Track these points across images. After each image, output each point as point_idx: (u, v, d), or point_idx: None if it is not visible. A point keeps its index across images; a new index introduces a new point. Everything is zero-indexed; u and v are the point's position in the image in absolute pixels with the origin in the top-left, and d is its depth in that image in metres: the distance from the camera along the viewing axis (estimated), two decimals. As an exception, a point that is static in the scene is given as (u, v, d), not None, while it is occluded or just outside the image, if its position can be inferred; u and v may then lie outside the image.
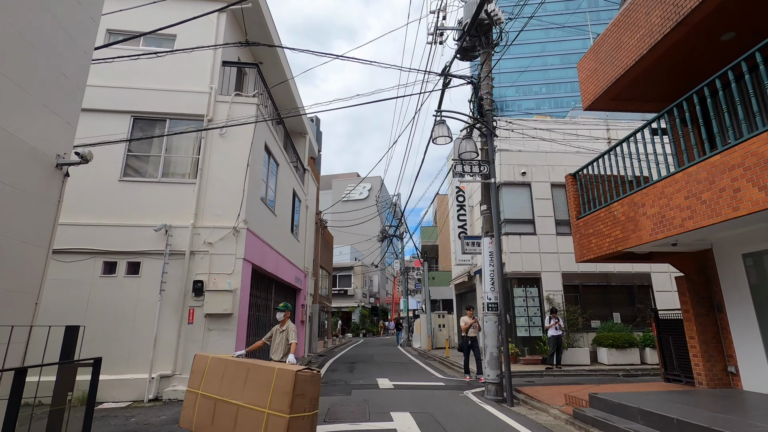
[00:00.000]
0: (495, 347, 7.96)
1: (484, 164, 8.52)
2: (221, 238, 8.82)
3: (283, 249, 12.66)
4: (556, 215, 13.62)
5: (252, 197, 9.62)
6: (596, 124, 18.02)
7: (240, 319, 8.63)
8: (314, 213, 18.77)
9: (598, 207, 7.46)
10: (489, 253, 8.41)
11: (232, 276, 8.66)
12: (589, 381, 9.83)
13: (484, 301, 8.25)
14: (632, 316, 12.83)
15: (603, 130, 18.10)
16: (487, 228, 8.58)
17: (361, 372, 11.59)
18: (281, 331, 5.67)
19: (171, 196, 9.00)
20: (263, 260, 10.25)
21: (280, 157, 12.36)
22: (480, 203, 8.83)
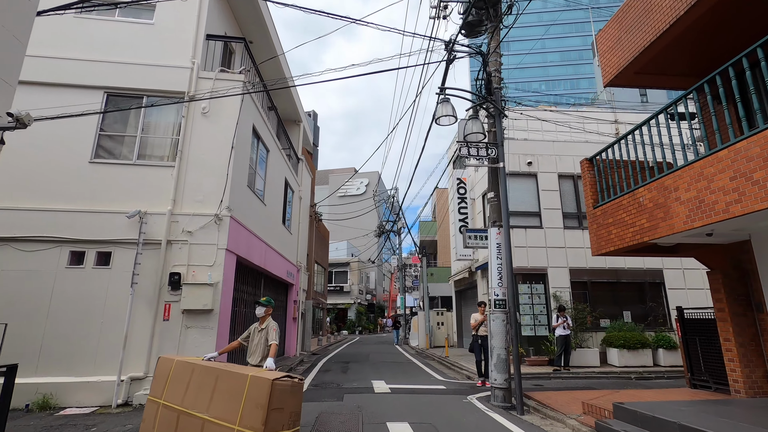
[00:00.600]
0: (503, 348, 7.20)
1: (491, 147, 7.74)
2: (202, 227, 8.01)
3: (273, 241, 11.86)
4: (564, 208, 12.87)
5: (237, 183, 8.81)
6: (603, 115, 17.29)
7: (222, 315, 7.84)
8: (308, 205, 17.96)
9: (619, 193, 6.70)
10: (496, 244, 7.64)
11: (213, 268, 7.86)
12: (601, 385, 9.10)
13: (491, 298, 7.49)
14: (643, 314, 12.12)
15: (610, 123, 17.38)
16: (494, 217, 7.80)
17: (355, 373, 10.83)
18: (260, 330, 4.88)
19: (147, 180, 8.18)
20: (249, 252, 9.45)
21: (270, 143, 11.53)
22: (486, 190, 8.05)
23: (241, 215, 8.94)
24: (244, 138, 9.32)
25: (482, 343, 9.12)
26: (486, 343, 8.88)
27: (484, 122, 8.27)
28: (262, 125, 10.65)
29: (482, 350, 9.14)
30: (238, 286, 9.37)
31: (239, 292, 9.47)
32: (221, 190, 8.19)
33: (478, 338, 9.25)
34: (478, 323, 9.35)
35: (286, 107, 15.54)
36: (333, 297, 38.05)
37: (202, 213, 8.07)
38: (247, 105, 9.41)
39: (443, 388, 8.67)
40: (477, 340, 9.30)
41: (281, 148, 12.98)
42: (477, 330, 9.34)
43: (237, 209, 8.72)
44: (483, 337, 9.11)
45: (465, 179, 16.22)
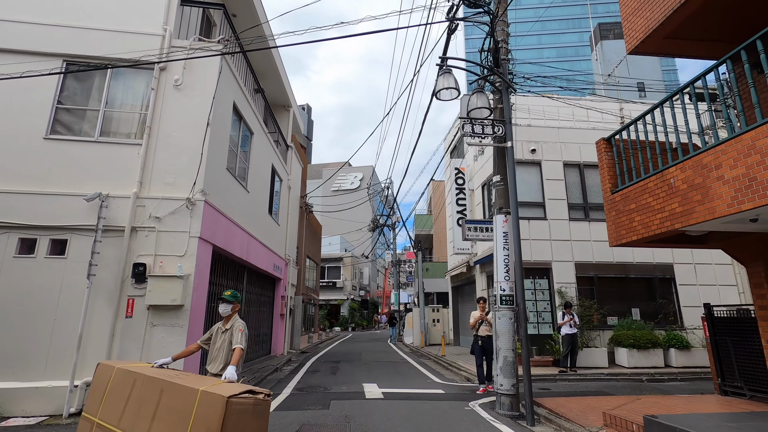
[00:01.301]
0: (510, 350, 6.40)
1: (498, 124, 6.91)
2: (172, 212, 7.10)
3: (258, 232, 10.96)
4: (570, 198, 12.10)
5: (214, 165, 7.91)
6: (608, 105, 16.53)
7: (194, 312, 6.95)
8: (298, 196, 17.06)
9: (644, 175, 5.90)
10: (503, 233, 6.83)
11: (184, 258, 6.97)
12: (613, 389, 8.36)
13: (497, 293, 6.68)
14: (653, 312, 11.39)
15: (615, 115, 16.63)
16: (500, 203, 6.98)
17: (345, 374, 10.00)
18: (224, 331, 4.02)
19: (111, 159, 7.25)
20: (228, 241, 8.55)
21: (254, 125, 10.61)
22: (491, 174, 7.23)
23: (218, 201, 8.05)
24: (223, 116, 8.41)
25: (483, 344, 8.16)
26: (488, 344, 8.01)
27: (490, 98, 7.42)
28: (244, 104, 9.73)
29: (483, 352, 8.18)
30: (216, 279, 8.48)
31: (217, 286, 8.58)
32: (195, 172, 7.29)
33: (479, 339, 8.25)
34: (477, 321, 8.37)
35: (274, 91, 14.59)
36: (325, 293, 37.19)
37: (172, 197, 7.17)
38: (226, 80, 8.50)
39: (441, 392, 7.87)
40: (477, 341, 8.29)
41: (267, 132, 12.06)
42: (477, 329, 8.35)
43: (214, 194, 7.82)
44: (484, 338, 8.17)
45: (463, 169, 15.39)
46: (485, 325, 8.26)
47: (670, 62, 66.53)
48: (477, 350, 8.26)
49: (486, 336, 8.15)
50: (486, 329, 8.22)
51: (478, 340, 8.26)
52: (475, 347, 8.34)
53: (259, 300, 12.22)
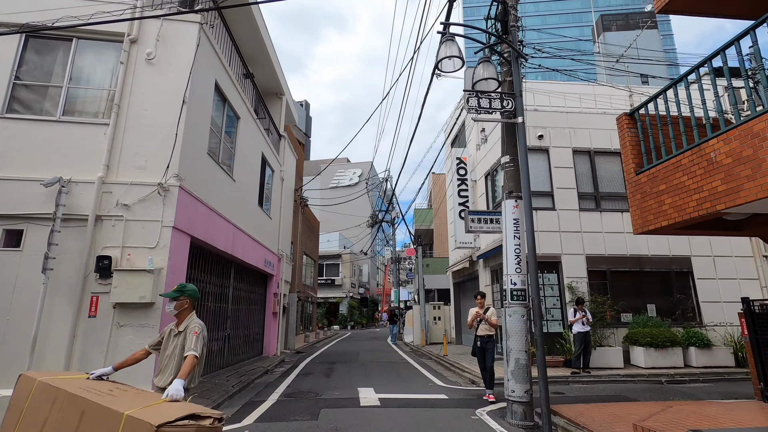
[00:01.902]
0: (522, 351, 5.66)
1: (507, 98, 6.14)
2: (142, 199, 6.35)
3: (246, 224, 10.21)
4: (580, 187, 11.33)
5: (193, 148, 7.15)
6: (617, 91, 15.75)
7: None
8: (293, 189, 16.29)
9: (677, 152, 5.15)
10: (513, 221, 6.07)
11: (155, 251, 6.21)
12: (633, 392, 7.63)
13: (507, 288, 5.93)
14: (670, 308, 10.65)
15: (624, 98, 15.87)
16: (510, 186, 6.22)
17: (340, 377, 9.26)
18: (177, 334, 3.25)
19: (75, 140, 6.49)
20: (209, 233, 7.80)
21: (241, 109, 9.84)
22: (502, 154, 6.47)
23: (197, 188, 7.29)
24: (203, 95, 7.65)
25: (483, 344, 7.20)
26: (487, 344, 7.17)
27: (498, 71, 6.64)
28: (228, 84, 8.95)
29: (484, 354, 7.19)
30: (196, 274, 7.73)
31: (197, 282, 7.83)
32: (168, 154, 6.53)
33: (477, 339, 7.29)
34: (474, 319, 7.36)
35: (265, 77, 13.79)
36: (324, 290, 36.47)
37: (143, 182, 6.41)
38: (207, 55, 7.73)
39: (444, 398, 7.12)
40: (476, 342, 7.31)
41: (257, 118, 11.29)
42: (476, 328, 7.34)
43: (192, 180, 7.07)
44: (482, 338, 7.22)
45: (465, 159, 14.63)
46: (484, 323, 7.27)
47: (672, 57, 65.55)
48: (477, 351, 7.32)
49: (485, 336, 7.21)
50: (485, 328, 7.24)
51: (476, 340, 7.30)
52: (474, 348, 7.39)
53: (249, 297, 11.48)
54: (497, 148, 12.60)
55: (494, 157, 12.79)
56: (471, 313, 7.49)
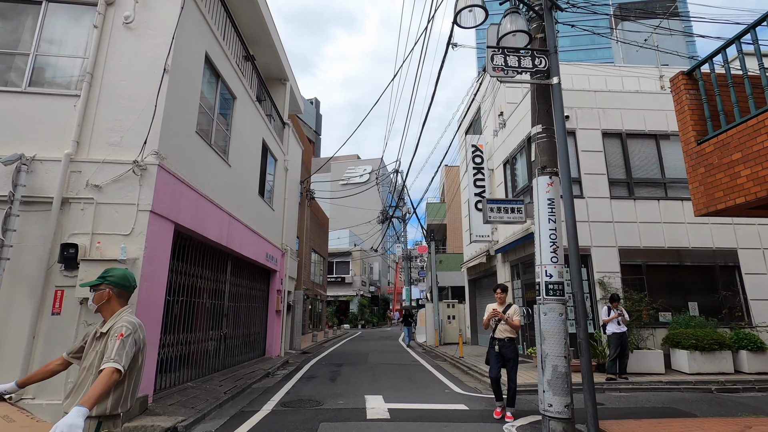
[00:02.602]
0: (561, 356, 4.69)
1: (539, 55, 5.17)
2: (116, 179, 5.54)
3: (244, 214, 9.39)
4: (610, 173, 10.26)
5: (178, 124, 6.32)
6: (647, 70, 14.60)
7: (143, 308, 5.38)
8: (298, 180, 15.47)
9: (756, 111, 4.14)
10: (548, 201, 5.10)
11: (129, 238, 5.40)
12: (683, 402, 6.59)
13: (540, 281, 4.97)
14: (715, 306, 9.52)
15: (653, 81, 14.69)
16: (544, 161, 5.24)
17: (346, 382, 8.39)
18: (99, 336, 2.33)
19: (42, 114, 5.72)
20: (199, 221, 6.97)
21: (237, 87, 9.01)
22: (532, 123, 5.50)
23: (183, 169, 6.46)
24: (191, 67, 6.82)
25: (501, 349, 5.67)
26: (507, 349, 5.64)
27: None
28: (222, 59, 8.12)
29: (501, 360, 5.67)
30: (182, 267, 6.91)
31: (183, 275, 7.01)
32: (147, 129, 5.71)
33: (495, 342, 5.75)
34: (491, 318, 5.83)
35: (267, 61, 12.98)
36: (334, 288, 35.74)
37: (117, 160, 5.61)
38: (195, 23, 6.91)
39: (464, 408, 6.18)
40: (493, 345, 5.78)
41: (256, 100, 10.46)
42: (494, 329, 5.81)
43: (176, 160, 6.24)
44: (502, 341, 5.69)
45: (481, 146, 13.63)
46: (503, 323, 5.77)
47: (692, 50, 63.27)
48: (492, 357, 5.73)
49: (506, 339, 5.68)
50: (505, 329, 5.72)
51: (494, 343, 5.76)
52: (490, 353, 5.81)
53: (250, 294, 10.68)
54: (517, 133, 11.58)
55: (514, 142, 11.78)
56: (488, 310, 5.91)
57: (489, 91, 13.73)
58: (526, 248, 10.81)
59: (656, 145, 10.44)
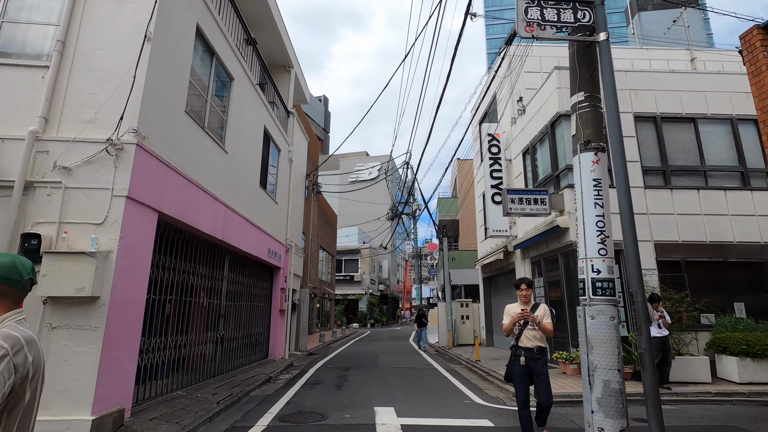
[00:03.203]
0: (615, 370, 3.86)
1: (583, 7, 4.32)
2: (88, 160, 4.83)
3: (243, 206, 8.66)
4: (644, 160, 9.34)
5: (162, 100, 5.59)
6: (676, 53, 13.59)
7: (117, 307, 4.66)
8: (303, 174, 14.74)
9: None
10: (593, 182, 4.25)
11: (102, 228, 4.68)
12: (742, 418, 5.69)
13: (585, 277, 4.12)
14: (765, 307, 8.55)
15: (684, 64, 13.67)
16: (588, 134, 4.40)
17: (353, 389, 7.62)
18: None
19: (5, 87, 5.02)
20: (188, 211, 6.23)
21: (234, 68, 8.28)
22: (572, 92, 4.65)
23: (169, 151, 5.73)
24: (178, 38, 6.08)
25: (528, 361, 4.35)
26: (536, 362, 4.34)
27: None
28: (216, 34, 7.39)
29: (528, 377, 4.38)
30: (169, 262, 6.18)
31: (175, 272, 6.29)
32: (124, 104, 4.98)
33: (520, 352, 4.42)
34: (515, 323, 4.45)
35: (270, 46, 12.24)
36: (342, 287, 35.05)
37: (90, 138, 4.89)
38: (183, -11, 6.16)
39: (489, 425, 5.36)
40: (517, 357, 4.44)
41: (256, 84, 9.72)
42: (518, 336, 4.48)
43: (160, 140, 5.52)
44: (530, 352, 4.37)
45: (498, 135, 12.74)
46: (531, 328, 4.42)
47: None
48: (517, 373, 4.38)
49: (534, 348, 4.37)
50: (534, 336, 4.40)
51: (519, 354, 4.40)
52: (513, 369, 4.46)
53: (251, 293, 9.96)
54: (538, 119, 10.69)
55: (535, 129, 10.89)
56: (509, 312, 4.54)
57: (506, 77, 12.83)
58: (549, 243, 9.93)
59: (695, 129, 9.48)
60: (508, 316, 4.55)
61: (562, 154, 9.55)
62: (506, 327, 4.53)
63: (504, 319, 4.59)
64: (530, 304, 4.58)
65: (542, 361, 4.40)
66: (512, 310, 4.56)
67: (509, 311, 4.58)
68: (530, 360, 4.36)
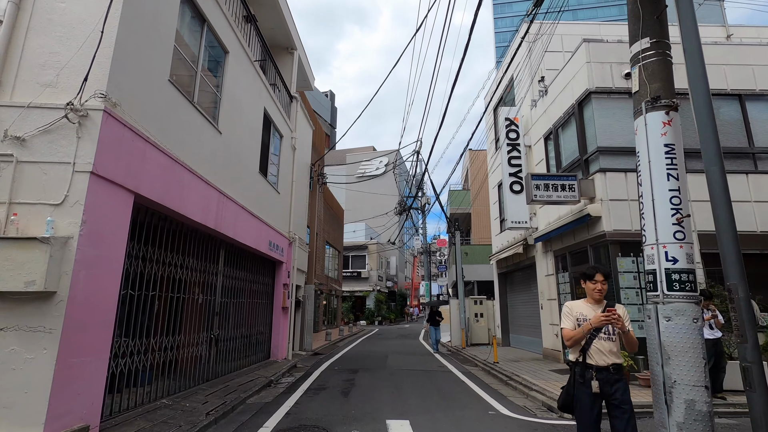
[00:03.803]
0: (699, 386, 3.01)
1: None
2: (45, 130, 4.05)
3: (239, 193, 7.88)
4: (684, 141, 8.33)
5: (137, 64, 4.79)
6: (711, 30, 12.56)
7: (78, 305, 3.89)
8: (308, 163, 13.95)
9: None
10: (665, 147, 3.44)
11: (60, 209, 3.90)
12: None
13: (657, 268, 3.27)
14: (825, 305, 7.60)
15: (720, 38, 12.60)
16: (656, 89, 3.62)
17: (362, 395, 6.82)
18: None
19: (-46, 46, 4.25)
20: (172, 194, 5.43)
21: (229, 39, 7.48)
22: (631, 40, 3.80)
23: (150, 124, 4.94)
24: (160, -6, 5.28)
25: (604, 386, 2.95)
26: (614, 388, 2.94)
27: None
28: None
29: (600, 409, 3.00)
30: (150, 253, 5.39)
31: (159, 265, 5.51)
32: (89, 63, 4.19)
33: (589, 373, 2.99)
34: (588, 332, 3.02)
35: (272, 26, 11.43)
36: (349, 283, 34.33)
37: (49, 104, 4.11)
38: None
39: (524, 444, 4.52)
40: (586, 382, 2.99)
41: (256, 60, 8.92)
42: (583, 347, 3.06)
43: (140, 111, 4.73)
44: (606, 373, 2.97)
45: (517, 119, 11.82)
46: (606, 337, 3.04)
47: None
48: (585, 405, 3.00)
49: (610, 367, 2.99)
50: (610, 350, 3.02)
51: (587, 376, 3.01)
52: (579, 397, 3.03)
53: (251, 289, 9.20)
54: (563, 99, 9.77)
55: (559, 110, 9.97)
56: (573, 312, 3.17)
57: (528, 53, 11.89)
58: (576, 234, 9.03)
59: (741, 107, 8.53)
60: (570, 319, 3.14)
61: (592, 135, 8.63)
62: (573, 336, 3.04)
63: (564, 322, 3.18)
64: (602, 304, 3.16)
65: (623, 386, 2.96)
66: (578, 310, 3.16)
67: (573, 311, 3.18)
68: (606, 384, 2.93)
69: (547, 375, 8.20)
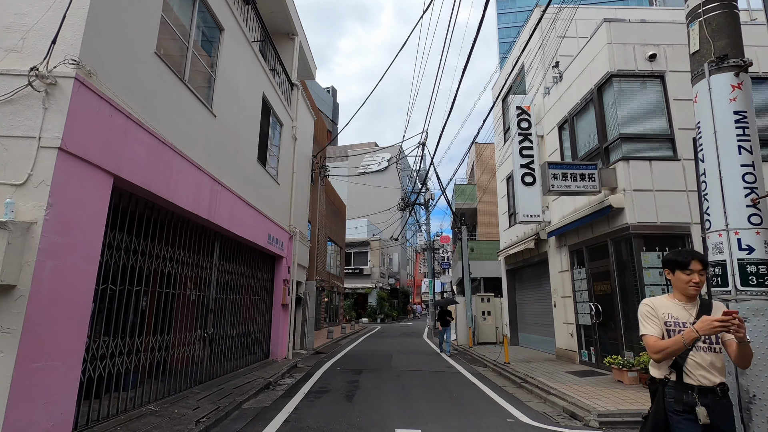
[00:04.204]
0: (786, 404, 2.43)
1: None
2: (7, 99, 3.53)
3: (235, 181, 7.36)
4: (713, 127, 7.79)
5: (117, 30, 4.26)
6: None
7: (42, 301, 3.37)
8: (309, 155, 13.41)
9: None
10: (735, 115, 2.93)
11: (23, 190, 3.38)
12: None
13: (728, 259, 2.74)
14: None
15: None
16: (721, 47, 3.08)
17: (367, 401, 6.31)
18: None
19: None
20: (158, 178, 4.90)
21: (224, 14, 6.94)
22: None
23: (132, 99, 4.41)
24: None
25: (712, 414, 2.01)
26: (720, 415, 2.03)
27: None
28: (199, -34, 6.03)
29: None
30: (133, 243, 4.86)
31: (144, 257, 4.99)
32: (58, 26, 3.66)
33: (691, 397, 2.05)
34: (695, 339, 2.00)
35: (272, 9, 10.88)
36: (351, 281, 33.84)
37: (12, 70, 3.58)
38: None
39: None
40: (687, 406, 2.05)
41: (254, 41, 8.38)
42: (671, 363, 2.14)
43: (119, 84, 4.20)
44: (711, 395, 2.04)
45: (528, 108, 11.26)
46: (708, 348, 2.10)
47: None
48: None
49: (717, 388, 2.07)
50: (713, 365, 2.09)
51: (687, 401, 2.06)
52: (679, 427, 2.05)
53: (248, 285, 8.69)
54: (580, 84, 9.20)
55: (575, 96, 9.40)
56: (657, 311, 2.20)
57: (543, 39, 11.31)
58: (595, 228, 8.49)
59: (774, 91, 7.94)
60: (655, 323, 2.17)
61: (613, 122, 8.07)
62: (666, 347, 2.07)
63: (646, 327, 2.19)
64: (697, 303, 2.21)
65: (729, 409, 2.14)
66: (664, 310, 2.20)
67: (657, 311, 2.20)
68: (712, 409, 2.02)
69: (563, 377, 7.69)
